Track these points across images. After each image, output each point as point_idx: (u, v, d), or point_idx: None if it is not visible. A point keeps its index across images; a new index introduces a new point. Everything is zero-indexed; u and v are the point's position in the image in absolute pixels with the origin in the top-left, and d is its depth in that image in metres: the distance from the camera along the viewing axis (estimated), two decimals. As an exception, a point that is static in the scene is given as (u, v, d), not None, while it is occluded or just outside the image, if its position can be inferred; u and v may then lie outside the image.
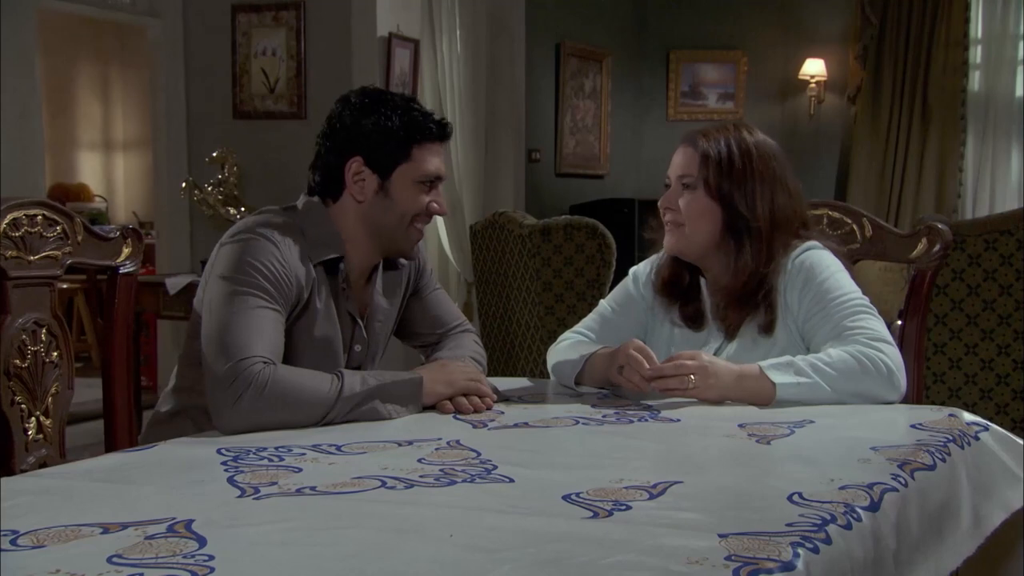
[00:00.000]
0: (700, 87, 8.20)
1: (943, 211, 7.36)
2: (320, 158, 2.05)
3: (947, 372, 3.68)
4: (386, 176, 2.00)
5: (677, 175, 2.06)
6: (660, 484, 1.37)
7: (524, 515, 1.26)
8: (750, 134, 2.07)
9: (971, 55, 7.45)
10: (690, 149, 2.06)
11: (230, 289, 1.87)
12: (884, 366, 1.89)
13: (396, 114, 1.99)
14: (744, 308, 2.04)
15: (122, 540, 1.17)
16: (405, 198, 2.01)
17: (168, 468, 1.57)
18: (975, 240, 3.58)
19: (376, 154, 1.99)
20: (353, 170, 2.00)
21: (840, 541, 1.18)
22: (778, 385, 1.87)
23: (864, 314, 1.97)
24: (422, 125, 2.00)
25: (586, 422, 1.81)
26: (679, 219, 2.05)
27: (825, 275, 2.01)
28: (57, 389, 2.02)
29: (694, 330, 2.12)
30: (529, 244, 4.34)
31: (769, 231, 2.02)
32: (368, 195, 2.00)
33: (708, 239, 2.05)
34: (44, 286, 1.99)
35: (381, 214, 2.01)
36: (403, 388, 1.87)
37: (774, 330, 2.02)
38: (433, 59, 5.74)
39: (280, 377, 1.78)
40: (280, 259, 1.91)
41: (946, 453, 1.60)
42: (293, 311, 1.95)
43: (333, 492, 1.37)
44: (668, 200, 2.07)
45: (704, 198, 2.03)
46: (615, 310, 2.23)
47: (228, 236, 1.97)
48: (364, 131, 1.99)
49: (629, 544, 1.15)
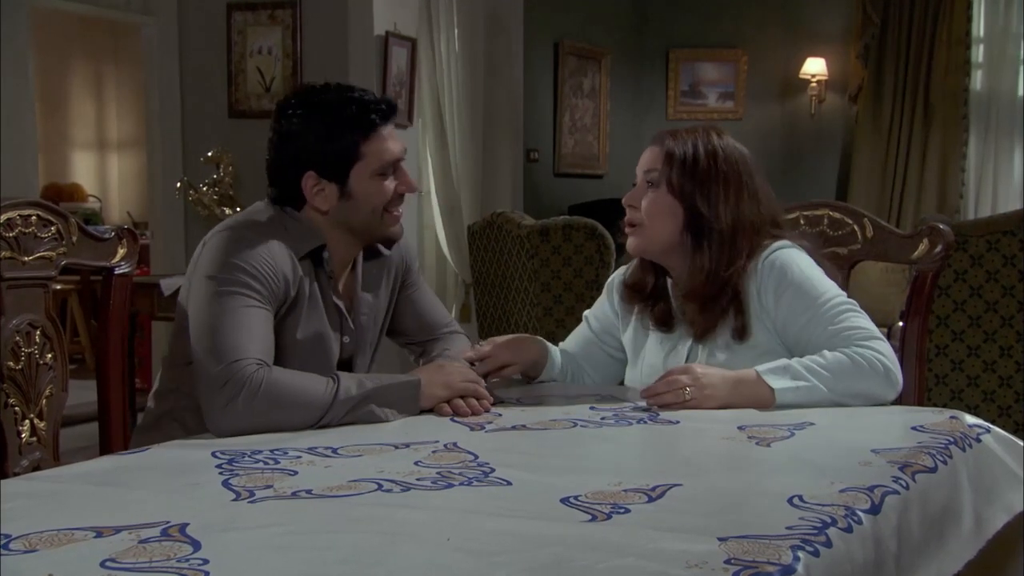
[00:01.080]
0: (700, 86, 8.20)
1: (945, 211, 7.36)
2: (272, 170, 2.02)
3: (949, 374, 3.68)
4: (343, 181, 1.98)
5: (643, 170, 2.09)
6: (659, 487, 1.37)
7: (522, 518, 1.26)
8: (719, 137, 2.08)
9: (973, 54, 7.45)
10: (657, 148, 2.08)
11: (217, 289, 1.86)
12: (880, 364, 1.90)
13: (334, 113, 1.95)
14: (708, 311, 2.03)
15: (116, 544, 1.17)
16: (369, 194, 1.99)
17: (162, 471, 1.57)
18: (977, 241, 3.58)
19: (327, 163, 1.97)
20: (311, 183, 1.98)
21: (841, 544, 1.18)
22: (776, 390, 1.87)
23: (848, 312, 1.98)
24: (364, 118, 1.96)
25: (584, 424, 1.81)
26: (638, 218, 2.07)
27: (798, 276, 2.01)
28: (51, 391, 2.01)
29: (664, 332, 2.12)
30: (527, 245, 4.35)
31: (731, 234, 2.03)
32: (332, 203, 1.99)
33: (668, 238, 2.06)
34: (38, 287, 1.99)
35: (351, 215, 2.00)
36: (400, 391, 1.87)
37: (748, 334, 2.02)
38: (431, 58, 5.74)
39: (275, 379, 1.78)
40: (266, 256, 1.90)
41: (947, 455, 1.60)
42: (282, 307, 1.94)
43: (329, 495, 1.37)
44: (631, 197, 2.09)
45: (666, 196, 2.05)
46: (594, 329, 2.28)
47: (212, 234, 1.97)
48: (309, 143, 1.96)
49: (628, 548, 1.15)
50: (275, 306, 1.92)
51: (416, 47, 5.56)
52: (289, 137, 1.98)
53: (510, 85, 6.48)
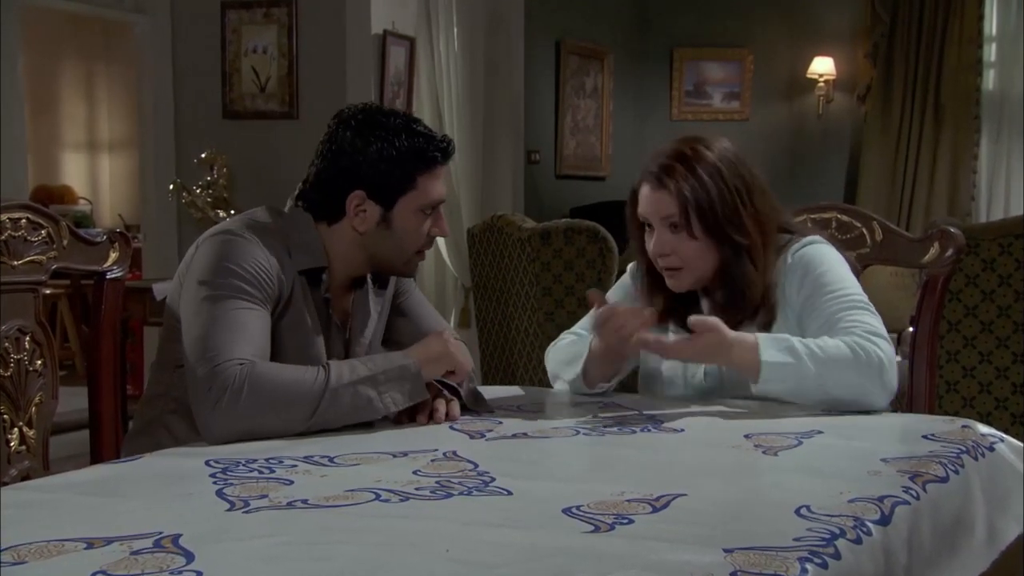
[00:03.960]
0: (704, 86, 8.20)
1: (956, 214, 7.36)
2: (319, 180, 2.02)
3: (961, 381, 3.68)
4: (389, 207, 1.99)
5: (660, 217, 2.04)
6: (663, 497, 1.37)
7: (522, 529, 1.26)
8: (707, 149, 2.05)
9: (985, 53, 7.46)
10: (662, 192, 2.03)
11: (208, 294, 1.86)
12: (877, 359, 1.90)
13: (399, 140, 1.96)
14: (750, 316, 2.06)
15: (107, 556, 1.17)
16: (408, 228, 2.00)
17: (155, 481, 1.57)
18: (989, 244, 3.58)
19: (380, 186, 1.98)
20: (355, 203, 1.98)
21: (850, 556, 1.18)
22: (764, 363, 1.89)
23: (861, 309, 1.99)
24: (427, 152, 1.98)
25: (587, 432, 1.81)
26: (676, 263, 2.06)
27: (824, 268, 2.04)
28: (41, 399, 2.01)
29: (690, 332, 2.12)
30: (528, 248, 4.35)
31: (762, 241, 2.05)
32: (370, 226, 2.00)
33: (709, 272, 2.07)
34: (28, 292, 1.99)
35: (381, 243, 2.01)
36: (400, 373, 1.84)
37: (772, 329, 2.04)
38: (430, 57, 5.74)
39: (258, 374, 1.77)
40: (259, 258, 1.90)
41: (959, 465, 1.60)
42: (276, 307, 1.93)
43: (325, 505, 1.37)
44: (661, 245, 2.05)
45: (697, 237, 2.03)
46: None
47: (205, 237, 1.96)
48: (367, 161, 1.96)
49: (631, 559, 1.15)
50: (270, 304, 1.91)
51: (415, 46, 5.57)
52: (346, 148, 1.98)
53: (511, 85, 6.49)
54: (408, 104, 5.50)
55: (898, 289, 5.71)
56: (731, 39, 8.07)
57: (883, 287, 5.81)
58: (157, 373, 2.05)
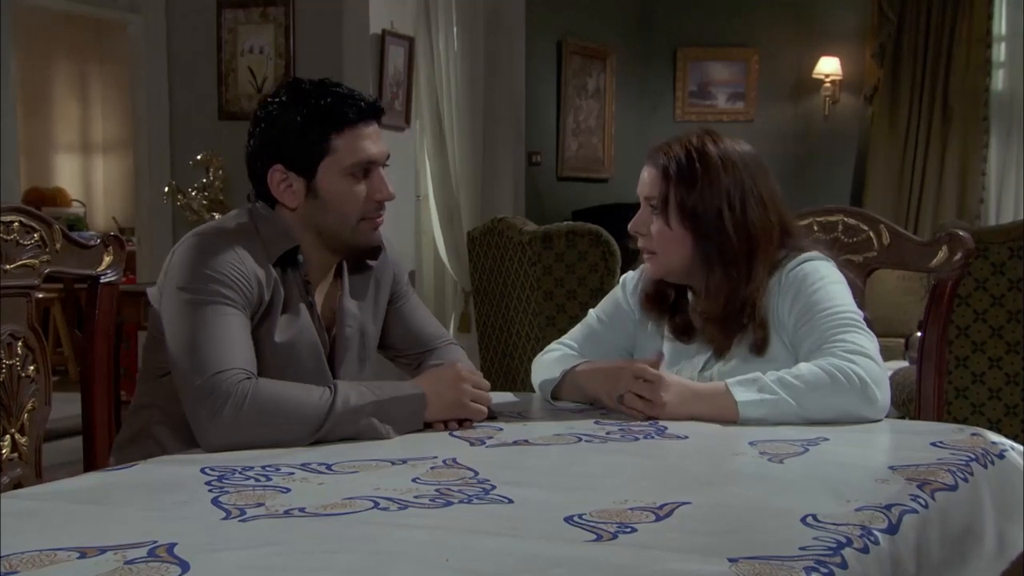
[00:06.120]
0: (709, 86, 8.21)
1: (965, 217, 7.36)
2: (248, 164, 2.01)
3: (970, 387, 3.67)
4: (311, 176, 1.96)
5: (644, 196, 2.09)
6: (667, 505, 1.37)
7: (524, 538, 1.26)
8: (714, 143, 2.06)
9: (994, 52, 7.46)
10: (653, 169, 2.07)
11: (190, 299, 1.86)
12: (856, 378, 1.87)
13: (307, 104, 1.94)
14: (728, 329, 2.05)
15: (101, 565, 1.17)
16: (338, 193, 1.95)
17: (149, 489, 1.57)
18: (999, 247, 3.58)
19: (294, 155, 1.94)
20: (276, 179, 1.96)
21: (857, 566, 1.18)
22: (740, 403, 1.88)
23: (849, 327, 1.96)
24: (339, 111, 1.94)
25: (589, 439, 1.81)
26: (651, 246, 2.08)
27: (816, 286, 2.01)
28: (33, 405, 2.01)
29: (683, 343, 2.13)
30: (529, 251, 4.35)
31: (745, 250, 2.03)
32: (299, 200, 1.97)
33: (683, 263, 2.07)
34: (21, 296, 1.99)
35: (318, 216, 1.97)
36: (405, 406, 1.85)
37: (767, 349, 2.03)
38: (429, 57, 5.75)
39: (261, 390, 1.77)
40: (236, 261, 1.89)
41: (968, 473, 1.60)
42: (257, 312, 1.93)
43: (323, 514, 1.37)
44: (638, 224, 2.09)
45: (672, 225, 2.04)
46: (603, 321, 2.25)
47: (181, 241, 1.96)
48: (276, 133, 1.95)
49: (634, 569, 1.15)
50: (250, 308, 1.91)
51: (414, 46, 5.57)
52: (262, 126, 1.97)
53: (511, 85, 6.49)
54: (407, 105, 5.50)
55: (906, 293, 5.72)
56: (736, 39, 8.08)
57: (891, 291, 5.81)
58: (143, 383, 2.05)
